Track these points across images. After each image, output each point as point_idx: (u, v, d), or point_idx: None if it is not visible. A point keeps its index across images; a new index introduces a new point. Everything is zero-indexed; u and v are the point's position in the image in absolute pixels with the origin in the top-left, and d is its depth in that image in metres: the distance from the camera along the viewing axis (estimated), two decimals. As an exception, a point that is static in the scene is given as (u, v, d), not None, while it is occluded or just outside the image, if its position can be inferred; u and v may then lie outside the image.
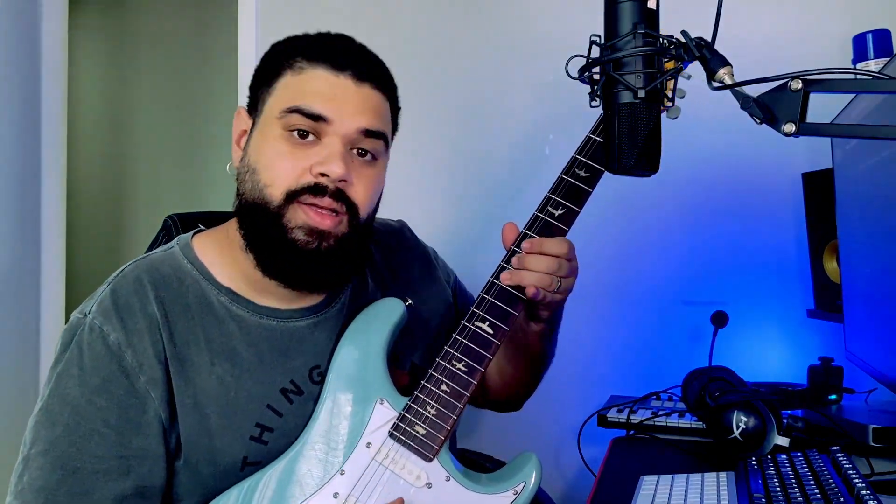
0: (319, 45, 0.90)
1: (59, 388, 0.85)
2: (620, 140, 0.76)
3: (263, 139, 0.89)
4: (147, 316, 0.87)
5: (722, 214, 1.75)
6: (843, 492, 0.80)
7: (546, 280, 0.91)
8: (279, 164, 0.86)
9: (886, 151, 1.09)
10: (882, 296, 1.14)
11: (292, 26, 1.92)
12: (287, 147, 0.86)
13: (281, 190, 0.86)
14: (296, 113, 0.85)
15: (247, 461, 0.88)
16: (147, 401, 0.85)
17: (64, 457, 0.83)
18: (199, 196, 3.37)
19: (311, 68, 0.87)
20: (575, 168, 0.95)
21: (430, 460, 0.87)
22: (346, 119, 0.86)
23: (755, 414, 1.05)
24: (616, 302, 1.82)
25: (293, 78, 0.88)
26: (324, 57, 0.88)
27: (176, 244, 0.96)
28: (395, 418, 0.89)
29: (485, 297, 0.93)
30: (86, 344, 0.86)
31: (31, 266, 2.23)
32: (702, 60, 0.75)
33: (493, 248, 0.97)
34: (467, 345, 0.91)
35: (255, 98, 0.92)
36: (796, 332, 1.68)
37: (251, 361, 0.90)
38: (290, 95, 0.87)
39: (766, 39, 1.70)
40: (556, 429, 1.73)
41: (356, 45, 0.93)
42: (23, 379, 2.18)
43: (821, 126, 0.71)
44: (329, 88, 0.86)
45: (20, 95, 2.18)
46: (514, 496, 0.86)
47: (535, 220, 0.95)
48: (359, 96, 0.87)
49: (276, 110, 0.87)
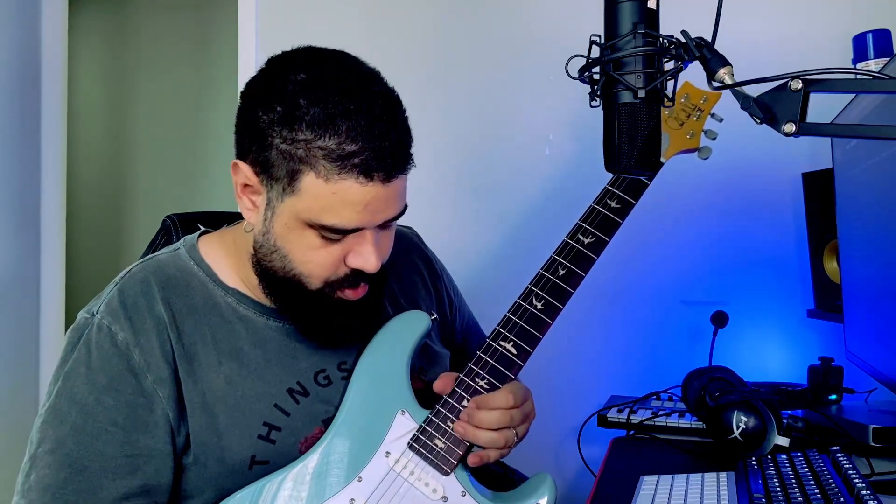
0: (343, 143, 0.79)
1: (67, 388, 0.86)
2: (620, 140, 0.76)
3: (288, 231, 0.84)
4: (154, 316, 0.88)
5: (722, 214, 1.75)
6: (843, 492, 0.80)
7: (501, 439, 0.89)
8: (313, 259, 0.85)
9: (886, 151, 1.09)
10: (882, 296, 1.14)
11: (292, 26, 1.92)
12: (319, 241, 0.84)
13: (319, 281, 0.87)
14: (329, 230, 0.83)
15: (255, 460, 0.89)
16: (154, 400, 0.86)
17: (71, 455, 0.83)
18: (199, 196, 3.37)
19: (338, 179, 0.79)
20: (607, 199, 0.98)
21: (447, 474, 0.89)
22: (377, 219, 0.84)
23: (755, 414, 1.05)
24: (616, 302, 1.82)
25: (319, 185, 0.80)
26: (350, 167, 0.79)
27: (182, 245, 0.96)
28: (415, 430, 0.91)
29: (511, 317, 0.94)
30: (94, 343, 0.86)
31: (31, 266, 2.23)
32: (702, 60, 0.75)
33: (492, 249, 0.97)
34: (493, 364, 0.92)
35: (268, 162, 0.82)
36: (796, 332, 1.68)
37: (258, 361, 0.91)
38: (319, 208, 0.81)
39: (766, 39, 1.70)
40: (556, 429, 1.73)
41: (375, 118, 0.81)
42: (23, 379, 2.18)
43: (821, 126, 0.71)
44: (360, 198, 0.81)
45: (20, 95, 2.18)
46: None
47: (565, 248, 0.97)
48: (387, 195, 0.83)
49: (304, 215, 0.82)
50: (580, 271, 0.95)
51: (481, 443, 0.89)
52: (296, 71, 0.83)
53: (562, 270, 0.95)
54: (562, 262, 0.95)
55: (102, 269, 3.17)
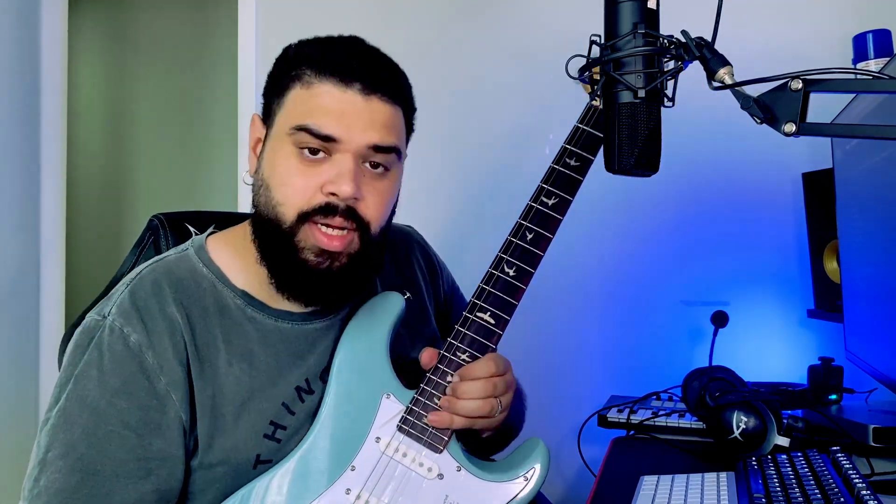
0: (327, 54, 0.88)
1: (78, 390, 0.84)
2: (620, 140, 0.76)
3: (275, 154, 0.88)
4: (167, 317, 0.87)
5: (722, 214, 1.75)
6: (843, 492, 0.80)
7: (486, 407, 0.89)
8: (290, 182, 0.86)
9: (886, 151, 1.09)
10: (882, 296, 1.14)
11: (292, 26, 1.91)
12: (298, 164, 0.86)
13: (293, 210, 0.86)
14: (305, 132, 0.85)
15: (259, 459, 0.89)
16: (167, 403, 0.85)
17: (83, 459, 0.82)
18: (198, 196, 3.37)
19: (318, 83, 0.86)
20: (566, 157, 0.97)
21: (440, 451, 0.88)
22: (356, 136, 0.85)
23: (755, 414, 1.05)
24: (616, 302, 1.82)
25: (302, 92, 0.87)
26: (331, 70, 0.86)
27: (190, 246, 0.96)
28: (402, 412, 0.90)
29: (485, 287, 0.94)
30: (106, 345, 0.85)
31: (31, 266, 2.23)
32: (702, 60, 0.75)
33: (491, 247, 0.97)
34: (471, 336, 0.92)
35: (269, 106, 0.92)
36: (796, 332, 1.68)
37: (267, 362, 0.91)
38: (299, 112, 0.86)
39: (766, 39, 1.70)
40: (556, 429, 1.73)
41: (365, 50, 0.90)
42: (22, 379, 2.17)
43: (821, 126, 0.71)
44: (337, 105, 0.85)
45: (20, 95, 2.19)
46: (525, 482, 0.88)
47: (528, 210, 0.97)
48: (367, 111, 0.86)
49: (286, 126, 0.87)
50: (547, 233, 0.94)
51: (467, 413, 0.88)
52: (307, 42, 0.92)
53: (529, 234, 0.94)
54: (528, 227, 0.95)
55: (102, 270, 3.17)
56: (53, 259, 2.28)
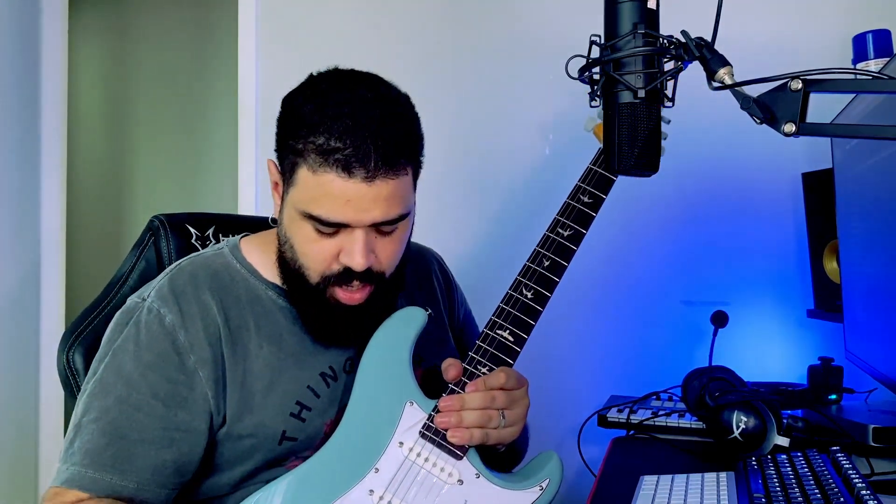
0: (330, 139, 0.87)
1: (115, 363, 0.93)
2: (620, 140, 0.76)
3: (291, 222, 0.94)
4: (201, 302, 0.96)
5: (722, 214, 1.75)
6: (843, 492, 0.80)
7: (484, 417, 0.92)
8: (309, 250, 0.93)
9: (886, 151, 1.09)
10: (882, 296, 1.14)
11: (292, 26, 1.92)
12: (314, 234, 0.92)
13: (316, 274, 0.94)
14: (314, 220, 0.90)
15: (285, 435, 0.95)
16: (195, 379, 0.93)
17: (114, 424, 0.91)
18: (199, 196, 3.37)
19: (322, 171, 0.88)
20: (580, 195, 1.02)
21: (460, 458, 0.93)
22: (363, 217, 0.89)
23: (755, 414, 1.05)
24: (616, 302, 1.82)
25: (308, 175, 0.89)
26: (334, 161, 0.87)
27: (225, 246, 1.05)
28: (424, 419, 0.94)
29: (504, 307, 0.99)
30: (143, 323, 0.94)
31: (31, 266, 2.23)
32: (702, 60, 0.75)
33: (492, 248, 0.97)
34: (492, 352, 0.97)
35: (282, 159, 0.94)
36: (796, 332, 1.68)
37: (295, 347, 0.99)
38: (308, 197, 0.90)
39: (766, 39, 1.70)
40: (556, 429, 1.73)
41: (368, 124, 0.88)
42: (23, 379, 2.18)
43: (821, 126, 0.72)
44: (341, 193, 0.88)
45: (20, 95, 2.19)
46: (540, 492, 0.93)
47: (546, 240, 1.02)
48: (371, 194, 0.88)
49: (298, 205, 0.91)
50: (563, 261, 1.00)
51: (464, 423, 0.92)
52: (312, 81, 0.94)
53: (546, 262, 1.00)
54: (545, 254, 1.00)
55: (102, 270, 3.17)
56: (53, 259, 2.28)
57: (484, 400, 0.93)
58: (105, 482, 0.89)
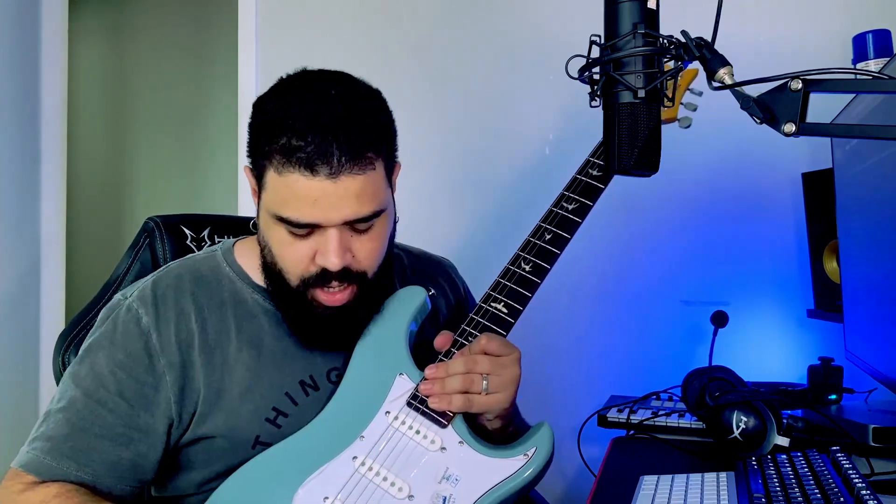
0: (291, 140, 0.86)
1: (90, 356, 0.95)
2: (620, 140, 0.76)
3: (266, 226, 0.94)
4: (179, 308, 0.97)
5: (722, 214, 1.75)
6: (843, 492, 0.80)
7: (467, 381, 0.92)
8: (286, 253, 0.93)
9: (886, 151, 1.09)
10: (882, 296, 1.14)
11: (292, 26, 1.91)
12: (288, 237, 0.91)
13: (295, 277, 0.93)
14: (285, 222, 0.89)
15: (259, 440, 0.95)
16: (162, 382, 0.94)
17: (77, 416, 0.92)
18: (199, 196, 3.37)
19: (287, 172, 0.87)
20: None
21: (444, 426, 0.93)
22: (332, 216, 0.88)
23: (755, 414, 1.05)
24: (616, 302, 1.82)
25: (275, 177, 0.88)
26: (296, 161, 0.86)
27: (218, 248, 1.05)
28: (413, 388, 0.95)
29: (501, 280, 0.99)
30: (121, 322, 0.96)
31: (31, 266, 2.23)
32: (702, 60, 0.75)
33: (492, 246, 0.98)
34: (484, 324, 0.97)
35: (254, 163, 0.93)
36: (796, 332, 1.68)
37: (276, 352, 0.98)
38: (277, 200, 0.89)
39: (766, 39, 1.70)
40: (556, 429, 1.72)
41: (330, 122, 0.87)
42: (23, 379, 2.18)
43: (821, 126, 0.72)
44: (307, 192, 0.86)
45: (20, 94, 2.19)
46: (525, 459, 0.91)
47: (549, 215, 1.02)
48: (338, 192, 0.87)
49: (270, 208, 0.91)
50: (566, 234, 1.00)
51: (446, 388, 0.92)
52: (279, 83, 0.94)
53: (548, 235, 1.00)
54: (547, 228, 1.01)
55: (102, 270, 3.17)
56: (53, 259, 2.28)
57: (466, 364, 0.92)
58: (60, 470, 0.90)
